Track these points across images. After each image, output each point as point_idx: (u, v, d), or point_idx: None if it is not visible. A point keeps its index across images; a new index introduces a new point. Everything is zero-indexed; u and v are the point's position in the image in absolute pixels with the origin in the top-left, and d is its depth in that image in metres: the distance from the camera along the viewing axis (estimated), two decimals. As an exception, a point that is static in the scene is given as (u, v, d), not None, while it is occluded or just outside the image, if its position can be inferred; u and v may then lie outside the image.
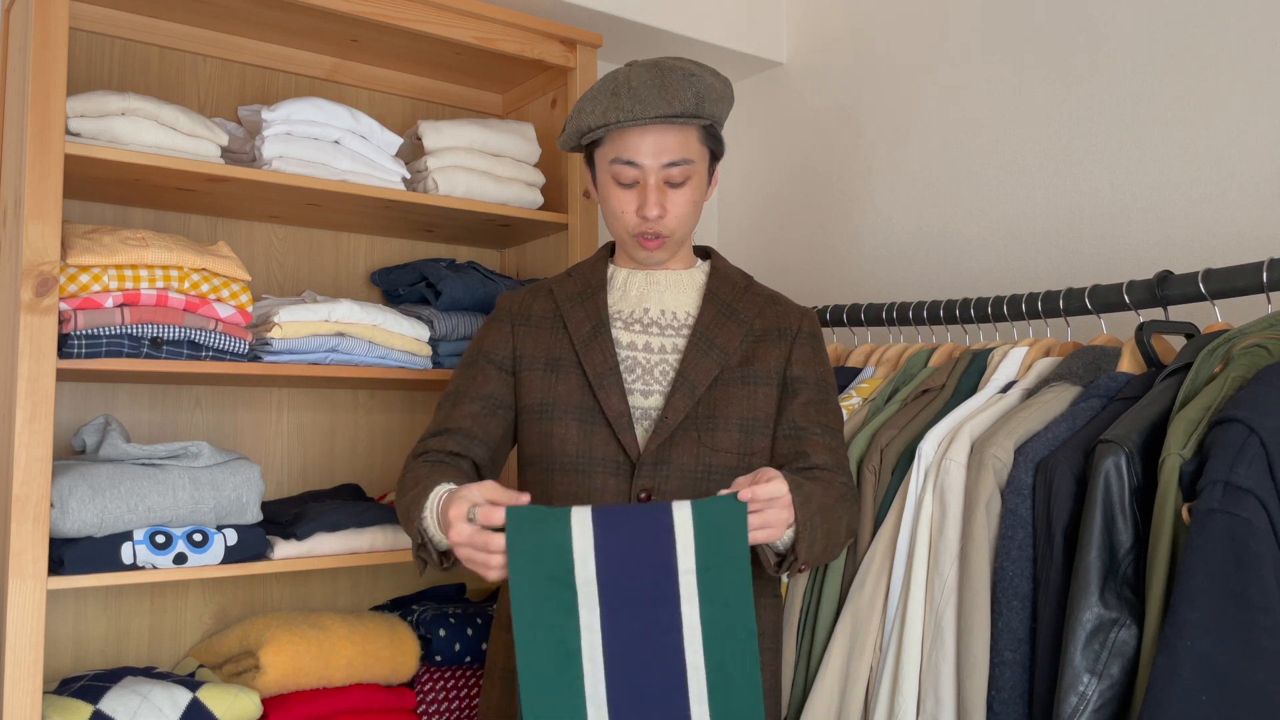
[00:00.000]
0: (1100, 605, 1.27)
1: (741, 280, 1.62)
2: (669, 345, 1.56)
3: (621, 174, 1.51)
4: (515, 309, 1.61)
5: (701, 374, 1.51)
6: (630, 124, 1.47)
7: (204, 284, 1.78)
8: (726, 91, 1.55)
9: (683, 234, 1.55)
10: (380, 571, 2.29)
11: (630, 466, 1.49)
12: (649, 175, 1.50)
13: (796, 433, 1.53)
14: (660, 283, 1.60)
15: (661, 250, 1.55)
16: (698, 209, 1.56)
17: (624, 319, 1.57)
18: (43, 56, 1.62)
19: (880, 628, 1.54)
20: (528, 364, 1.56)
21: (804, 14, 2.66)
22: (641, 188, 1.51)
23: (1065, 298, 1.71)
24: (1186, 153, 1.89)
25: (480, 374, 1.58)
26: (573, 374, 1.53)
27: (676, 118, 1.47)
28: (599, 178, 1.56)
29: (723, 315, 1.56)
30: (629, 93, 1.47)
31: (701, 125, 1.52)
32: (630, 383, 1.53)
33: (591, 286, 1.60)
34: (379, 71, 2.31)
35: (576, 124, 1.54)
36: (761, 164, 2.75)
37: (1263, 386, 1.22)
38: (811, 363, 1.58)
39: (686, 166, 1.51)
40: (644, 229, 1.52)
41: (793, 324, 1.59)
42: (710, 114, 1.51)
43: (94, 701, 1.65)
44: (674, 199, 1.52)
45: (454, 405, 1.56)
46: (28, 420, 1.58)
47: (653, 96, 1.47)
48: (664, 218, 1.51)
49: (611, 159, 1.51)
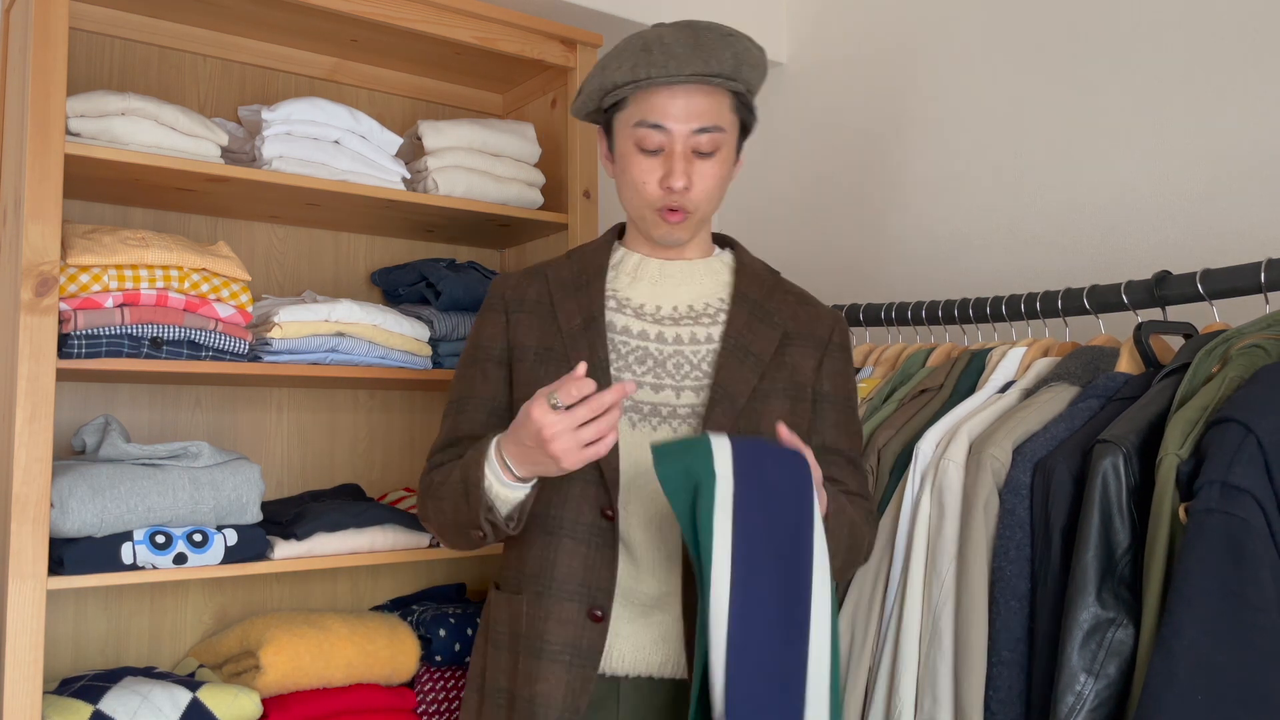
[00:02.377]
0: (1097, 605, 1.27)
1: (769, 276, 1.51)
2: (685, 336, 1.44)
3: (646, 139, 1.38)
4: (509, 294, 1.50)
5: (741, 385, 1.39)
6: (663, 81, 1.34)
7: (204, 284, 1.78)
8: (762, 60, 1.42)
9: (706, 212, 1.43)
10: (380, 571, 2.29)
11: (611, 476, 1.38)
12: (676, 142, 1.37)
13: (825, 457, 1.45)
14: (675, 274, 1.48)
15: (682, 228, 1.42)
16: (724, 185, 1.43)
17: (633, 307, 1.46)
18: (43, 56, 1.62)
19: (878, 628, 1.54)
20: (519, 354, 1.46)
21: (804, 14, 2.66)
22: (667, 155, 1.38)
23: (1064, 298, 1.71)
24: (1186, 153, 1.89)
25: (481, 375, 1.48)
26: (561, 368, 1.42)
27: (714, 77, 1.35)
28: (618, 145, 1.43)
29: (755, 319, 1.44)
30: (661, 48, 1.35)
31: (736, 92, 1.40)
32: (640, 374, 1.41)
33: (589, 274, 1.47)
34: (379, 71, 2.32)
35: (600, 81, 1.41)
36: (761, 164, 2.75)
37: (1260, 387, 1.23)
38: (841, 377, 1.48)
39: (717, 135, 1.38)
40: (667, 201, 1.39)
41: (824, 332, 1.48)
42: (747, 79, 1.39)
43: (94, 702, 1.65)
44: (701, 170, 1.39)
45: (459, 413, 1.48)
46: (28, 420, 1.59)
47: (688, 54, 1.34)
48: (690, 191, 1.39)
49: (636, 122, 1.38)
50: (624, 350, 1.43)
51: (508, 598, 1.44)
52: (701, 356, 1.43)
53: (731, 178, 1.46)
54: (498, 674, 1.43)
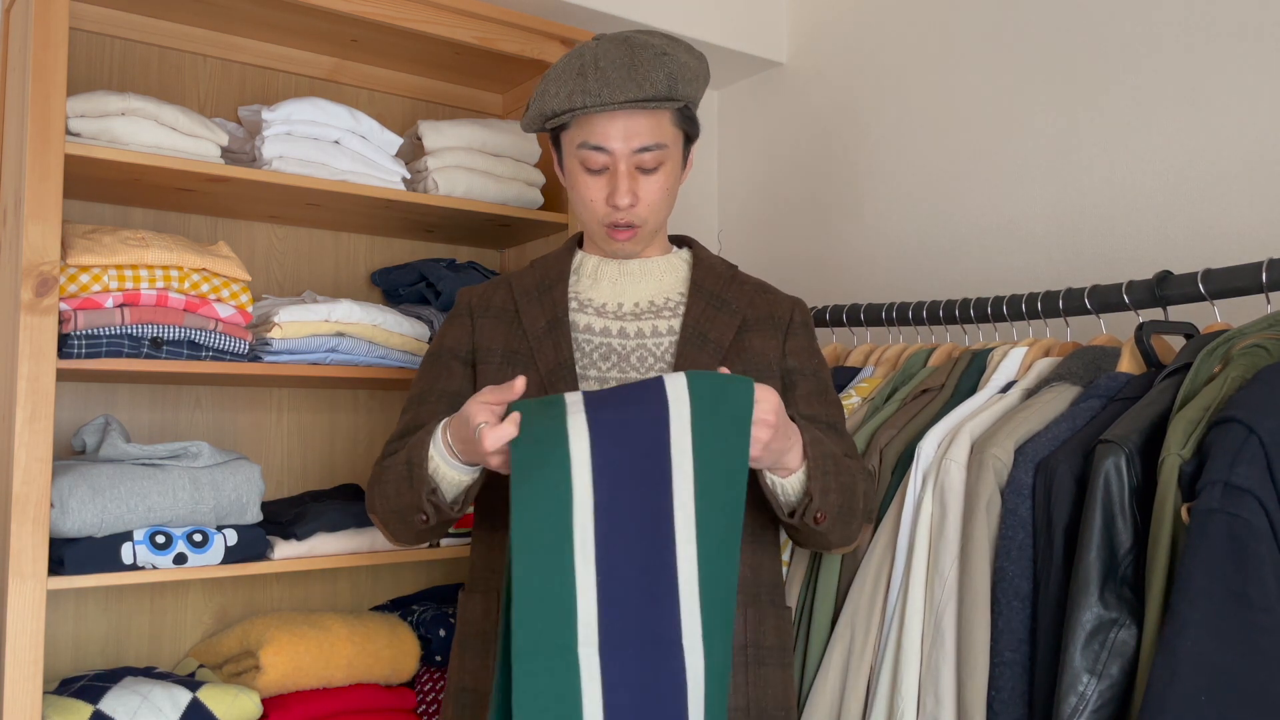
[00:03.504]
0: (1100, 605, 1.27)
1: (726, 270, 1.54)
2: (647, 329, 1.47)
3: (590, 160, 1.42)
4: (475, 302, 1.53)
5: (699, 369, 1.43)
6: (598, 110, 1.38)
7: (204, 284, 1.78)
8: (701, 69, 1.45)
9: (655, 223, 1.47)
10: (380, 571, 2.29)
11: None
12: (619, 161, 1.41)
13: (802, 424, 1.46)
14: (634, 271, 1.51)
15: (633, 242, 1.47)
16: (671, 195, 1.48)
17: (595, 306, 1.49)
18: (43, 56, 1.62)
19: (880, 628, 1.54)
20: (484, 356, 1.48)
21: (804, 14, 2.66)
22: (611, 174, 1.42)
23: (1065, 298, 1.71)
24: (1186, 153, 1.89)
25: (444, 370, 1.50)
26: (528, 370, 1.45)
27: (648, 102, 1.38)
28: (566, 163, 1.47)
29: (712, 307, 1.48)
30: (596, 73, 1.37)
31: (675, 108, 1.43)
32: (605, 370, 1.44)
33: (550, 279, 1.51)
34: (379, 71, 2.31)
35: (540, 107, 1.43)
36: (761, 164, 2.75)
37: (1262, 386, 1.22)
38: (806, 353, 1.51)
39: (659, 152, 1.42)
40: (614, 218, 1.44)
41: (784, 313, 1.52)
42: (684, 95, 1.42)
43: (94, 701, 1.65)
44: (646, 186, 1.43)
45: (419, 405, 1.49)
46: (28, 420, 1.58)
47: (621, 78, 1.37)
48: (636, 206, 1.43)
49: (579, 144, 1.42)
50: (588, 348, 1.46)
51: (473, 597, 1.47)
52: (665, 349, 1.46)
53: (681, 183, 1.51)
54: (464, 675, 1.45)
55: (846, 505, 1.38)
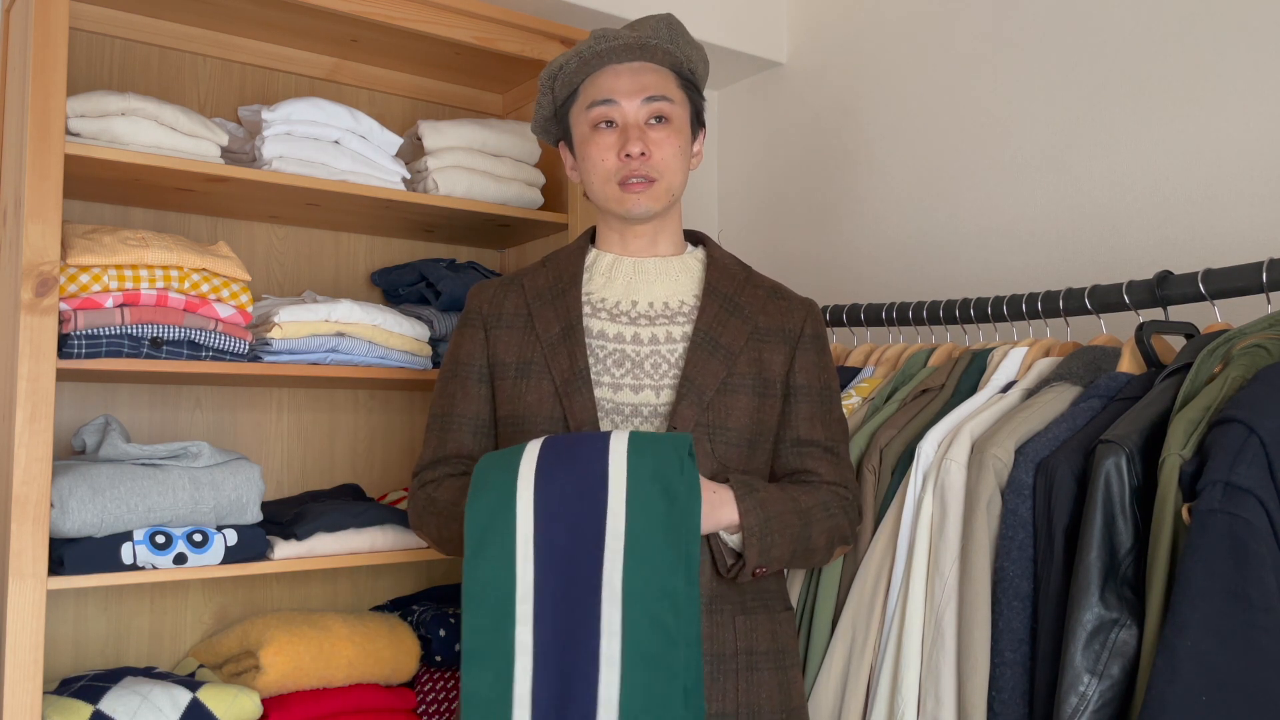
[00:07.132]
0: (1100, 605, 1.27)
1: (741, 271, 1.54)
2: (661, 335, 1.47)
3: (600, 115, 1.46)
4: (486, 309, 1.53)
5: (709, 377, 1.43)
6: (606, 54, 1.45)
7: (204, 284, 1.78)
8: (701, 50, 1.53)
9: (670, 182, 1.47)
10: (380, 571, 2.29)
11: None
12: (628, 113, 1.45)
13: (800, 449, 1.48)
14: (649, 271, 1.51)
15: (648, 196, 1.46)
16: (684, 159, 1.49)
17: (609, 309, 1.49)
18: (43, 56, 1.62)
19: (880, 628, 1.54)
20: (500, 371, 1.49)
21: (804, 14, 2.66)
22: (622, 128, 1.45)
23: (1065, 298, 1.71)
24: (1186, 153, 1.89)
25: (461, 390, 1.51)
26: (543, 380, 1.44)
27: (649, 47, 1.46)
28: (576, 136, 1.50)
29: (726, 312, 1.48)
30: (600, 35, 1.47)
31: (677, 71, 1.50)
32: (619, 377, 1.44)
33: (564, 281, 1.51)
34: (379, 71, 2.31)
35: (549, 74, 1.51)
36: (761, 164, 2.75)
37: (1262, 387, 1.22)
38: (815, 368, 1.51)
39: (667, 104, 1.46)
40: (629, 171, 1.44)
41: (796, 325, 1.52)
42: (684, 53, 1.49)
43: (94, 701, 1.65)
44: (657, 139, 1.45)
45: (444, 430, 1.51)
46: (28, 420, 1.58)
47: (623, 33, 1.46)
48: (649, 158, 1.44)
49: (588, 105, 1.47)
50: (602, 355, 1.46)
51: None
52: (678, 355, 1.46)
53: (691, 161, 1.53)
54: None
55: (800, 550, 1.41)
